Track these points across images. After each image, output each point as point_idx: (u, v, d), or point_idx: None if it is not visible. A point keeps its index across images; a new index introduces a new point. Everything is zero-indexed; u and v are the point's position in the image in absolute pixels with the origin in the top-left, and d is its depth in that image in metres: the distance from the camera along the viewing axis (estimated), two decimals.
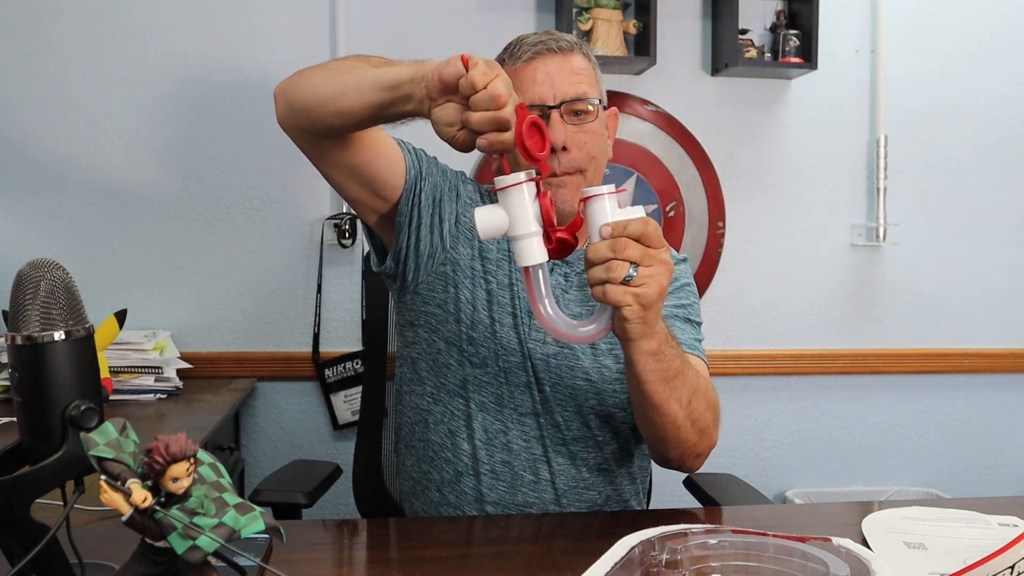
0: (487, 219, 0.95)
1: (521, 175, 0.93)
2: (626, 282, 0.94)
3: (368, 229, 1.30)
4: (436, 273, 1.27)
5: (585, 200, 0.96)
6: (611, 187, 0.96)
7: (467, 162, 2.27)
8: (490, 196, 1.34)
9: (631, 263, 0.93)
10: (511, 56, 1.26)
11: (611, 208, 0.95)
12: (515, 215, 0.93)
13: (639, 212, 0.96)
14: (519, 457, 1.25)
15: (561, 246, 0.95)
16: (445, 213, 1.26)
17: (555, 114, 1.21)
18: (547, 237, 0.94)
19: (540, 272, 0.96)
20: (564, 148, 1.20)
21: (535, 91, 1.22)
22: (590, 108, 1.23)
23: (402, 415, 1.36)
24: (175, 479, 0.67)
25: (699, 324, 1.32)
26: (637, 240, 0.94)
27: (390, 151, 1.21)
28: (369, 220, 1.27)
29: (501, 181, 0.94)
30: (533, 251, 0.94)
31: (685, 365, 1.09)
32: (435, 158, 1.30)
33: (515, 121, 0.91)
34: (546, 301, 0.96)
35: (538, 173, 0.95)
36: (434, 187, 1.25)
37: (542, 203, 0.94)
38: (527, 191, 0.93)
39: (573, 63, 1.24)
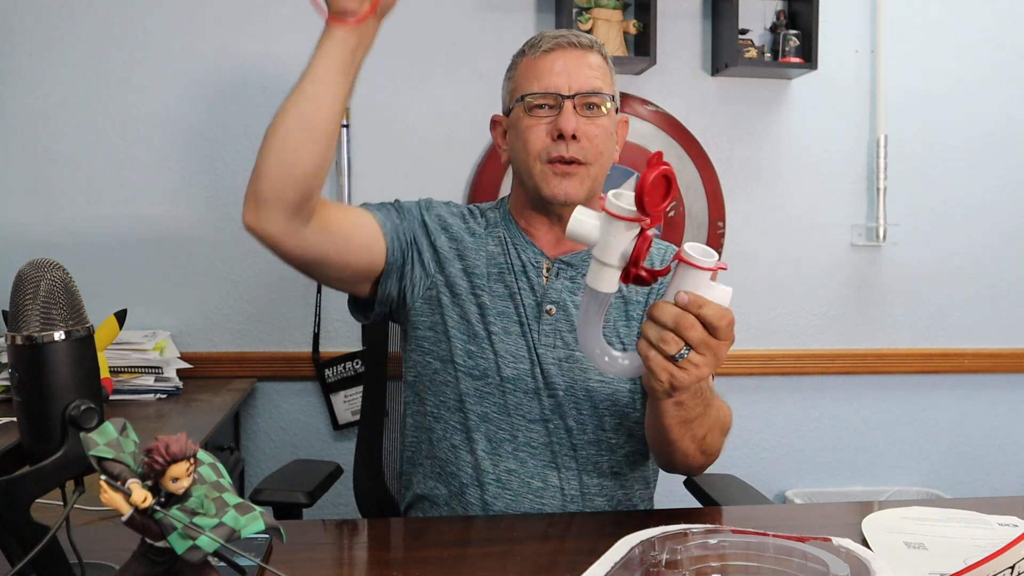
0: (581, 225, 0.90)
1: (633, 210, 0.87)
2: (674, 359, 0.90)
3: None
4: (424, 299, 1.30)
5: (682, 261, 0.89)
6: (713, 259, 0.88)
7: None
8: (470, 212, 1.38)
9: (686, 344, 0.90)
10: (532, 47, 1.29)
11: (702, 279, 0.89)
12: (606, 241, 0.89)
13: (726, 298, 0.90)
14: (526, 464, 1.25)
15: (636, 279, 0.90)
16: (422, 246, 1.30)
17: (568, 104, 1.23)
18: (625, 273, 0.90)
19: (600, 299, 0.92)
20: (574, 137, 1.22)
21: (552, 80, 1.24)
22: (603, 105, 1.25)
23: (407, 437, 1.37)
24: (175, 479, 0.67)
25: None
26: (705, 325, 0.89)
27: (368, 236, 1.24)
28: (364, 291, 1.31)
29: (612, 205, 0.87)
30: (606, 280, 0.91)
31: (708, 408, 1.10)
32: (397, 200, 1.35)
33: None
34: (590, 325, 0.94)
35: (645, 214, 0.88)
36: (407, 230, 1.29)
37: (638, 244, 0.88)
38: (629, 230, 0.88)
39: (590, 59, 1.27)
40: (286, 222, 1.11)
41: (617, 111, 1.31)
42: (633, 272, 0.89)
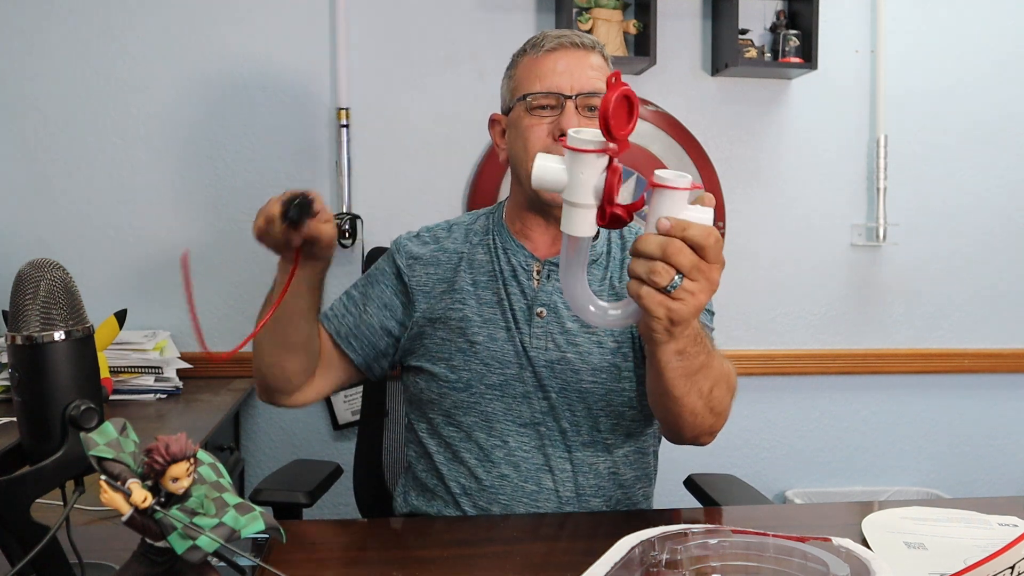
0: (545, 171, 0.87)
1: (598, 142, 0.83)
2: (667, 291, 0.86)
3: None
4: (409, 337, 1.33)
5: (655, 186, 0.84)
6: (688, 179, 0.84)
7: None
8: (448, 230, 1.39)
9: (677, 272, 0.85)
10: (533, 47, 1.28)
11: (680, 203, 0.84)
12: (576, 181, 0.85)
13: (708, 217, 0.85)
14: (519, 469, 1.24)
15: (613, 220, 0.86)
16: (402, 297, 1.34)
17: (570, 104, 1.22)
18: (601, 212, 0.85)
19: (580, 245, 0.88)
20: None
21: (553, 80, 1.23)
22: None
23: (409, 452, 1.38)
24: (175, 479, 0.67)
25: (711, 313, 1.32)
26: (693, 248, 0.85)
27: (341, 358, 1.35)
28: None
29: (574, 140, 0.84)
30: (583, 222, 0.86)
31: (710, 358, 1.05)
32: (369, 272, 1.40)
33: (606, 96, 0.83)
34: (573, 276, 0.89)
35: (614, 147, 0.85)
36: (376, 312, 1.34)
37: (608, 178, 0.84)
38: (597, 162, 0.84)
39: (592, 60, 1.26)
40: (291, 397, 1.31)
41: None
42: (609, 211, 0.85)
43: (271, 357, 1.25)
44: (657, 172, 0.84)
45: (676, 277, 0.85)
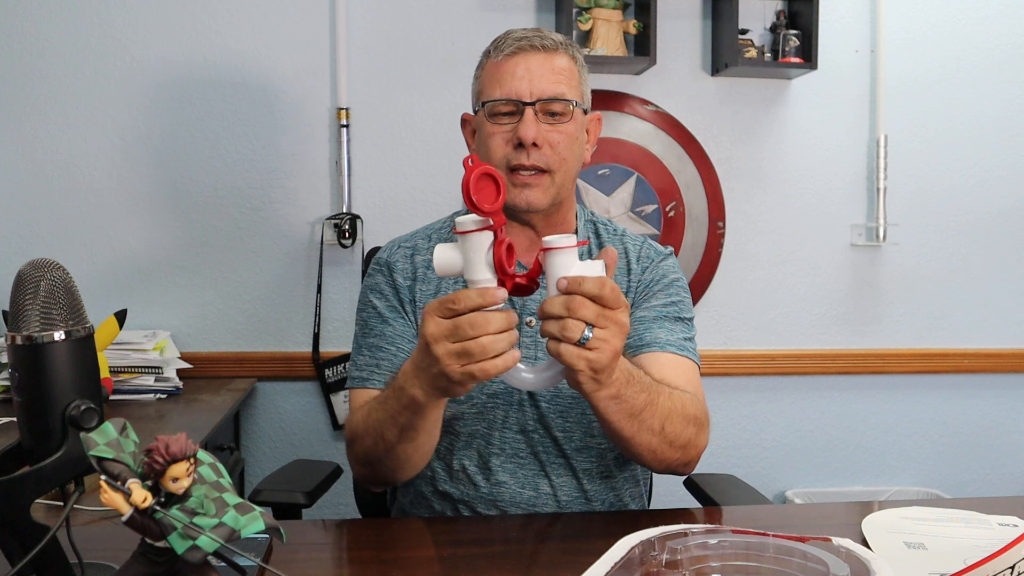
0: (443, 259, 0.94)
1: (472, 223, 0.91)
2: (581, 343, 0.90)
3: None
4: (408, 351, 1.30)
5: (544, 251, 0.92)
6: (572, 239, 0.92)
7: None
8: (428, 240, 1.37)
9: (586, 324, 0.90)
10: (496, 49, 1.25)
11: (569, 261, 0.92)
12: (468, 260, 0.92)
13: (598, 269, 0.92)
14: (516, 475, 1.24)
15: (517, 289, 0.93)
16: (410, 329, 1.28)
17: (529, 111, 1.20)
18: (502, 283, 0.92)
19: None
20: (535, 144, 1.19)
21: (512, 86, 1.21)
22: (566, 109, 1.21)
23: None
24: (175, 479, 0.67)
25: (690, 320, 1.30)
26: (593, 300, 0.90)
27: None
28: None
29: (460, 224, 0.92)
30: None
31: (654, 394, 1.06)
32: (377, 315, 1.30)
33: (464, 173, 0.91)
34: None
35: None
36: (407, 346, 1.27)
37: (496, 252, 0.91)
38: (481, 239, 0.91)
39: (555, 62, 1.22)
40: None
41: (587, 112, 1.27)
42: (509, 283, 0.92)
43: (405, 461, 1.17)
44: (544, 239, 0.92)
45: (587, 329, 0.90)
